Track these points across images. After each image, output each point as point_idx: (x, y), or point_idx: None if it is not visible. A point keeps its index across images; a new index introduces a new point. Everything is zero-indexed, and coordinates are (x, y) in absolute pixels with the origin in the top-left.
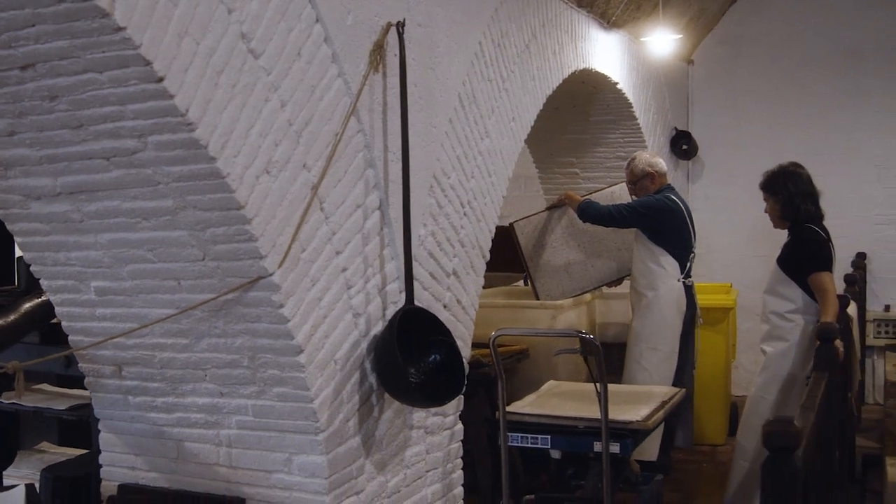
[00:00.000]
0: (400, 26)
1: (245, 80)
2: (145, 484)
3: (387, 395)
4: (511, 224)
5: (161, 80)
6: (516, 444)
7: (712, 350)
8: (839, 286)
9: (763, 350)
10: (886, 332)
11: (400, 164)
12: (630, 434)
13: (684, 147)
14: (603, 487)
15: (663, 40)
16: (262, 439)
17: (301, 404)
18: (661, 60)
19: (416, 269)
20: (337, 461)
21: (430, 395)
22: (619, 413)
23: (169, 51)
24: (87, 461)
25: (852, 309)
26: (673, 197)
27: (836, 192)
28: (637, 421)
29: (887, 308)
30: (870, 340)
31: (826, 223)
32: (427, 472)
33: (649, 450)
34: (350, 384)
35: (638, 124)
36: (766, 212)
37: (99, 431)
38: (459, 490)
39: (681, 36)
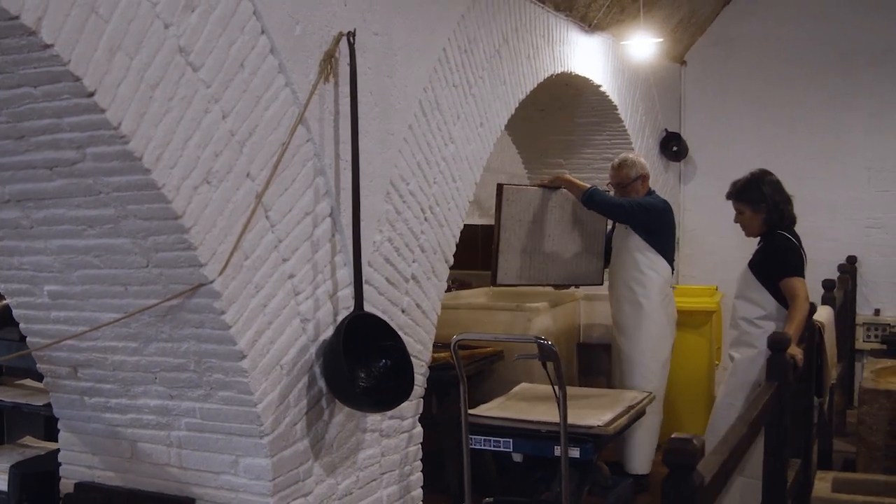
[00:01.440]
0: (351, 36)
1: (182, 92)
2: (101, 482)
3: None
4: (500, 185)
5: (92, 94)
6: (479, 447)
7: (695, 353)
8: (817, 291)
9: (731, 356)
10: (876, 336)
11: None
12: (591, 439)
13: (674, 149)
14: (563, 491)
15: (644, 44)
16: (210, 441)
17: (245, 408)
18: (651, 62)
19: (372, 275)
20: (282, 464)
21: (379, 399)
22: (582, 417)
23: (100, 66)
24: (55, 458)
25: (825, 314)
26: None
27: (826, 195)
28: (598, 426)
29: (877, 312)
30: (859, 344)
31: (817, 226)
32: (382, 474)
33: (644, 464)
34: (297, 388)
35: (624, 126)
36: (736, 222)
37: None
38: (418, 492)
39: (662, 39)
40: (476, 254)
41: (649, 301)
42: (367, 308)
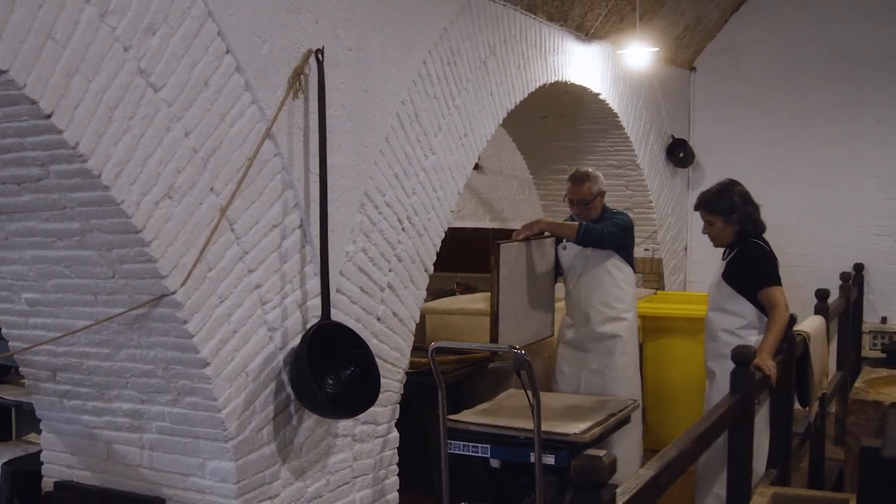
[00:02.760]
0: (319, 53)
1: (143, 112)
2: (80, 482)
3: None
4: (497, 243)
5: (49, 116)
6: (457, 452)
7: (691, 359)
8: (803, 300)
9: (710, 369)
10: (883, 344)
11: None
12: (568, 446)
13: (681, 155)
14: (538, 497)
15: (641, 52)
16: (179, 445)
17: (210, 413)
18: (657, 68)
19: (344, 284)
20: (247, 467)
21: (345, 406)
22: (561, 425)
23: (56, 89)
24: None
25: (814, 324)
26: None
27: (834, 203)
28: (575, 434)
29: (884, 320)
30: (865, 352)
31: (824, 233)
32: (355, 478)
33: (626, 472)
34: (264, 395)
35: (625, 133)
36: (705, 233)
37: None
38: (394, 496)
39: (657, 48)
40: (486, 257)
41: (631, 313)
42: (340, 317)
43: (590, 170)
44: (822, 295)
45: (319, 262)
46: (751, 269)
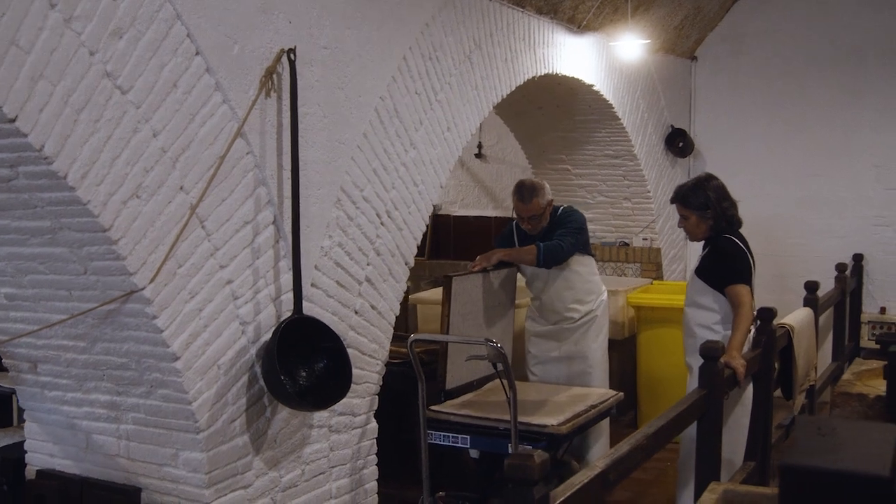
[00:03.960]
0: (291, 53)
1: (110, 114)
2: (62, 470)
3: None
4: (448, 276)
5: (13, 120)
6: (437, 442)
7: (678, 349)
8: (802, 291)
9: (689, 364)
10: (879, 334)
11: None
12: (545, 437)
13: (680, 144)
14: None
15: (633, 44)
16: (154, 436)
17: (181, 405)
18: (656, 59)
19: (320, 278)
20: (219, 458)
21: (316, 399)
22: (539, 417)
23: (20, 94)
24: None
25: (800, 316)
26: None
27: (834, 193)
28: (552, 425)
29: (883, 310)
30: (864, 342)
31: (824, 223)
32: (331, 468)
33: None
34: (236, 387)
35: (621, 124)
36: (680, 226)
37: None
38: (372, 485)
39: (649, 41)
40: (489, 245)
41: (603, 294)
42: (316, 310)
43: (534, 181)
44: (811, 287)
45: (292, 256)
46: (721, 265)
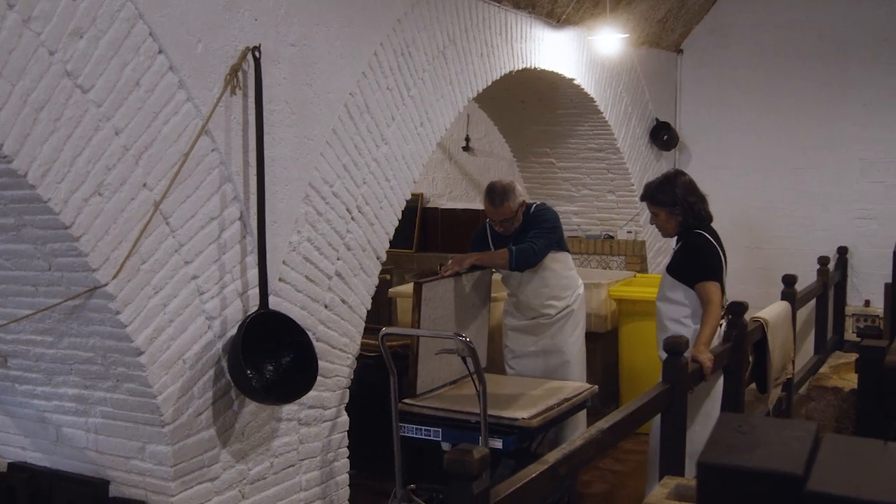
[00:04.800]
0: (256, 50)
1: (70, 113)
2: (32, 463)
3: None
4: (418, 283)
5: None
6: (410, 435)
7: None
8: (779, 286)
9: (661, 358)
10: (862, 328)
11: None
12: (516, 431)
13: (665, 138)
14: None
15: (611, 38)
16: (121, 429)
17: (147, 399)
18: (642, 52)
19: (288, 273)
20: (184, 451)
21: (282, 393)
22: (510, 410)
23: None
24: None
25: (776, 310)
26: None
27: (819, 185)
28: (523, 418)
29: (867, 303)
30: (848, 335)
31: (809, 216)
32: (301, 460)
33: None
34: (202, 381)
35: (603, 117)
36: (652, 223)
37: None
38: (343, 477)
39: (627, 35)
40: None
41: (579, 288)
42: (285, 305)
43: (505, 184)
44: (788, 281)
45: (258, 251)
46: (691, 260)
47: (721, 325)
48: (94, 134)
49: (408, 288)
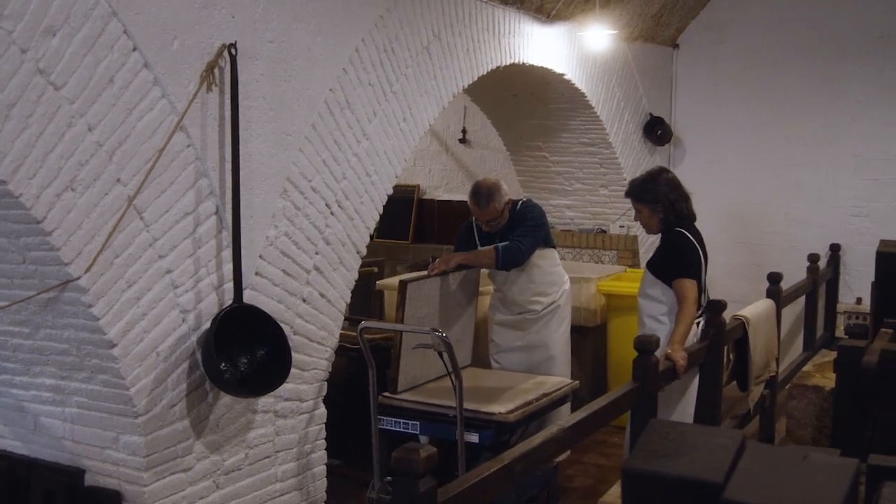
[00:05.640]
0: (232, 47)
1: (43, 110)
2: (11, 451)
3: None
4: (403, 282)
5: None
6: (388, 428)
7: None
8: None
9: None
10: (850, 325)
11: (240, 173)
12: (493, 425)
13: (658, 133)
14: (460, 472)
15: (599, 34)
16: (96, 419)
17: (120, 391)
18: (636, 47)
19: (265, 268)
20: (157, 442)
21: (254, 385)
22: (488, 405)
23: None
24: None
25: (759, 308)
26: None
27: (812, 182)
28: (500, 413)
29: (859, 300)
30: (839, 333)
31: (802, 213)
32: (277, 452)
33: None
34: (176, 374)
35: (595, 112)
36: (636, 220)
37: None
38: (321, 469)
39: (616, 31)
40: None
41: (566, 284)
42: (261, 298)
43: (490, 184)
44: (773, 279)
45: (232, 245)
46: (670, 258)
47: (698, 323)
48: (66, 130)
49: (394, 281)
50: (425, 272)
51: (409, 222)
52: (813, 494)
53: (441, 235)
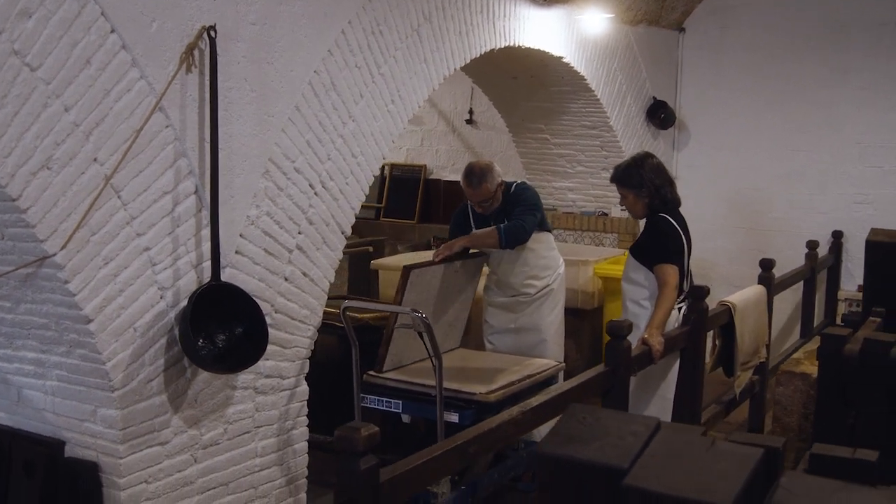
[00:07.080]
0: (211, 29)
1: (18, 90)
2: None
3: None
4: (406, 267)
5: None
6: (372, 406)
7: None
8: (780, 266)
9: None
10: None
11: (221, 153)
12: (474, 405)
13: (662, 116)
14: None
15: (596, 18)
16: (75, 392)
17: (97, 365)
18: (640, 30)
19: (246, 246)
20: (134, 416)
21: (230, 362)
22: (470, 385)
23: None
24: None
25: (748, 294)
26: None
27: (816, 169)
28: (481, 393)
29: (860, 288)
30: (839, 320)
31: (806, 199)
32: (257, 427)
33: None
34: (153, 349)
35: (595, 95)
36: (622, 205)
37: None
38: (302, 445)
39: (612, 15)
40: None
41: (559, 268)
42: (241, 277)
43: (483, 165)
44: (765, 265)
45: (211, 224)
46: (654, 242)
47: (680, 308)
48: (42, 111)
49: (391, 260)
50: (426, 253)
51: (416, 202)
52: (712, 481)
53: (447, 215)
